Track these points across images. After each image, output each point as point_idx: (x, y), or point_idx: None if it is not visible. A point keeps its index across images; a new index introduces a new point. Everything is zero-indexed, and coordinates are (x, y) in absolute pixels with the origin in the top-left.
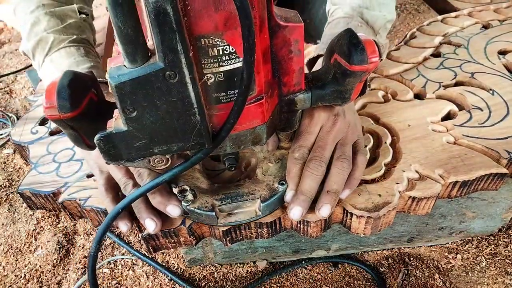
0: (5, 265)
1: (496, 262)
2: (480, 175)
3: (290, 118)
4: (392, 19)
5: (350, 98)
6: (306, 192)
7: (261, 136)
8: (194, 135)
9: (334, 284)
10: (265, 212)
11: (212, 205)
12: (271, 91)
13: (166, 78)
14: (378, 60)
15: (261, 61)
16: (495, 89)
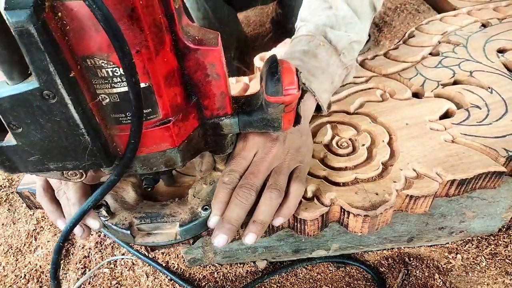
0: (5, 265)
1: (496, 262)
2: (478, 174)
3: (219, 142)
4: (359, 40)
5: (280, 128)
6: (232, 220)
7: (174, 160)
8: (87, 154)
9: (334, 284)
10: (185, 236)
11: (130, 223)
12: (184, 114)
13: (45, 98)
14: (295, 92)
15: (163, 85)
16: (493, 88)
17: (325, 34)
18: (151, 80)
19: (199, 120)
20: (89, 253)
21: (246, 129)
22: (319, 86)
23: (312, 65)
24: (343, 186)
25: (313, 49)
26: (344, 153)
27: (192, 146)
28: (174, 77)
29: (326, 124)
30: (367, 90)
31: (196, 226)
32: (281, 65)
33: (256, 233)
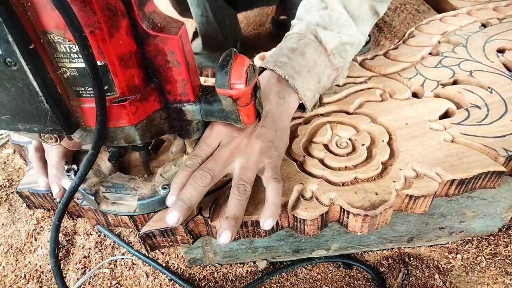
0: (5, 265)
1: (496, 262)
2: (478, 173)
3: (184, 127)
4: (351, 42)
5: (240, 121)
6: (184, 199)
7: (133, 137)
8: (49, 120)
9: (334, 284)
10: (143, 210)
11: (96, 190)
12: (142, 95)
13: (7, 64)
14: (243, 87)
15: (117, 65)
16: (493, 87)
17: (316, 33)
18: (106, 59)
19: (161, 103)
20: (89, 253)
21: (208, 117)
22: (303, 84)
23: (298, 63)
24: (342, 186)
25: (301, 47)
26: (343, 153)
27: (153, 126)
28: (131, 59)
29: (325, 124)
30: (367, 90)
31: (154, 203)
32: (235, 59)
33: (230, 229)
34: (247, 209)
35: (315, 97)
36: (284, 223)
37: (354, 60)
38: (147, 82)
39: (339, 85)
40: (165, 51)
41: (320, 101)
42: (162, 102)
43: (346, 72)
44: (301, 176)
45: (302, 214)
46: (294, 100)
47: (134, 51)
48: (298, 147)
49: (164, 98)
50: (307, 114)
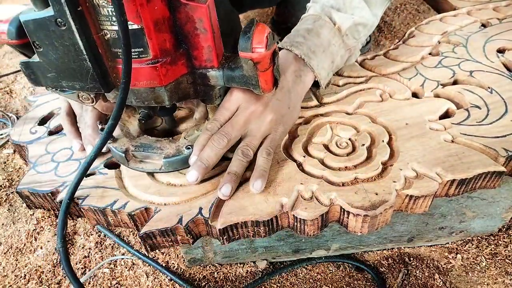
0: (5, 265)
1: (496, 262)
2: (478, 173)
3: (207, 92)
4: (364, 23)
5: (259, 86)
6: (203, 159)
7: (163, 98)
8: (89, 78)
9: (334, 284)
10: (168, 168)
11: (126, 148)
12: (172, 59)
13: (58, 24)
14: (263, 51)
15: (152, 29)
16: (493, 87)
17: (330, 15)
18: (142, 23)
19: (188, 68)
20: (89, 253)
21: (230, 83)
22: (318, 63)
23: (313, 43)
24: (342, 186)
25: (317, 28)
26: (343, 153)
27: (181, 89)
28: (164, 24)
29: (325, 124)
30: (367, 90)
31: (178, 161)
32: (256, 26)
33: (230, 183)
34: (246, 208)
35: (328, 76)
36: (284, 223)
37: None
38: (177, 47)
39: (339, 85)
40: (194, 19)
41: (320, 101)
42: (189, 67)
43: (359, 53)
44: (301, 176)
45: (302, 214)
46: (309, 79)
47: (167, 17)
48: (298, 147)
49: (191, 63)
50: (307, 113)
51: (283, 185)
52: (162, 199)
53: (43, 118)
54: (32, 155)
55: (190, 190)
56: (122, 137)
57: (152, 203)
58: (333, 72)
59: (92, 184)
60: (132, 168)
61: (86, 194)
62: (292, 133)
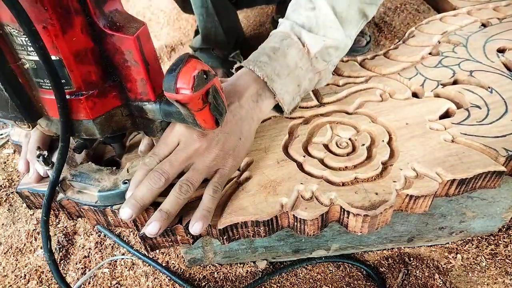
0: (5, 265)
1: (496, 262)
2: (478, 173)
3: (147, 125)
4: (336, 45)
5: (198, 125)
6: (137, 197)
7: (93, 131)
8: (10, 108)
9: (334, 284)
10: (103, 202)
11: (64, 177)
12: (100, 91)
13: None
14: (188, 93)
15: (73, 61)
16: (493, 87)
17: (300, 35)
18: (60, 54)
19: (121, 100)
20: (89, 253)
21: (168, 118)
22: (281, 87)
23: (279, 64)
24: (343, 186)
25: (284, 48)
26: (343, 153)
27: (114, 122)
28: (87, 56)
29: (325, 124)
30: (367, 89)
31: (114, 196)
32: (186, 63)
33: (159, 221)
34: (246, 208)
35: (294, 100)
36: (284, 223)
37: (355, 60)
38: (106, 79)
39: (339, 85)
40: (123, 50)
41: (320, 101)
42: (123, 99)
43: (330, 76)
44: (301, 176)
45: (302, 214)
46: (268, 103)
47: (90, 48)
48: (298, 147)
49: (125, 95)
50: (307, 113)
51: (283, 185)
52: (162, 199)
53: None
54: None
55: None
56: None
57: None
58: (301, 96)
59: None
60: (69, 198)
61: None
62: (292, 133)
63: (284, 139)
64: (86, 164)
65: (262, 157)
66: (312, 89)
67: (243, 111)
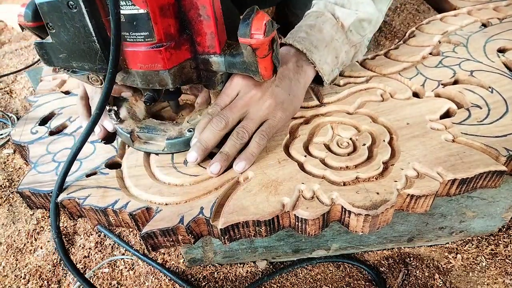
0: (5, 265)
1: (496, 262)
2: (479, 173)
3: (210, 78)
4: (368, 18)
5: (258, 73)
6: (202, 141)
7: (166, 81)
8: (98, 60)
9: (334, 284)
10: (170, 149)
11: (132, 129)
12: (176, 44)
13: (70, 7)
14: (261, 37)
15: (158, 14)
16: (494, 87)
17: (333, 11)
18: (148, 8)
19: (191, 53)
20: (89, 253)
21: (231, 69)
22: (320, 58)
23: (316, 38)
24: (344, 185)
25: (319, 24)
26: (344, 152)
27: (184, 74)
28: (169, 10)
29: (326, 124)
30: (367, 89)
31: (180, 143)
32: (256, 13)
33: (220, 162)
34: (247, 208)
35: (333, 72)
36: (286, 223)
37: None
38: (181, 33)
39: (340, 85)
40: (198, 5)
41: (321, 101)
42: (192, 52)
43: (365, 49)
44: (302, 176)
45: (304, 214)
46: (311, 71)
47: (172, 3)
48: (299, 147)
49: (194, 49)
50: (307, 113)
51: (284, 184)
52: (163, 199)
53: (44, 118)
54: (33, 155)
55: (191, 190)
56: (129, 118)
57: (153, 203)
58: (339, 69)
59: (93, 184)
60: (136, 148)
61: (87, 194)
62: (293, 133)
63: (285, 139)
64: (148, 119)
65: (263, 157)
66: (349, 62)
67: (290, 73)
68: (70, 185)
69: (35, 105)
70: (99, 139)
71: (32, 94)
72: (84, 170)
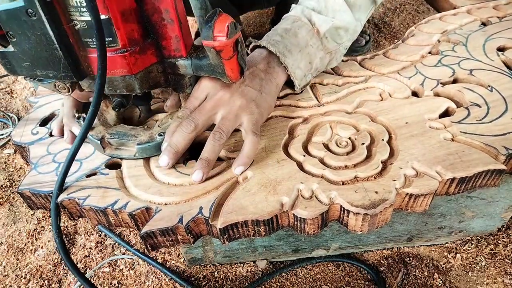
0: (6, 264)
1: (495, 262)
2: (478, 172)
3: (178, 81)
4: (345, 26)
5: (225, 75)
6: (172, 144)
7: (133, 86)
8: (62, 67)
9: (334, 283)
10: (141, 154)
11: (102, 136)
12: (141, 48)
13: (29, 15)
14: (224, 40)
15: (120, 20)
16: (493, 86)
17: (310, 16)
18: (110, 13)
19: (157, 57)
20: (89, 253)
21: (198, 72)
22: (293, 62)
23: (290, 42)
24: (342, 185)
25: (295, 28)
26: (343, 152)
27: (151, 78)
28: (132, 14)
29: (325, 124)
30: (366, 89)
31: (151, 147)
32: (218, 16)
33: (201, 169)
34: (246, 208)
35: (306, 77)
36: (285, 222)
37: (354, 59)
38: (145, 37)
39: (339, 85)
40: (161, 9)
41: (320, 101)
42: (158, 56)
43: (341, 57)
44: (301, 175)
45: (302, 213)
46: (283, 74)
47: (134, 8)
48: (298, 146)
49: (160, 53)
50: (306, 113)
51: (283, 184)
52: (163, 199)
53: (45, 119)
54: (34, 155)
55: (190, 190)
56: (99, 125)
57: (153, 203)
58: (312, 75)
59: (93, 184)
60: (108, 155)
61: (87, 194)
62: (292, 132)
63: (284, 138)
64: (119, 125)
65: (262, 156)
66: (324, 69)
67: (261, 73)
68: (70, 186)
69: (36, 106)
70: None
71: (33, 95)
72: (84, 170)
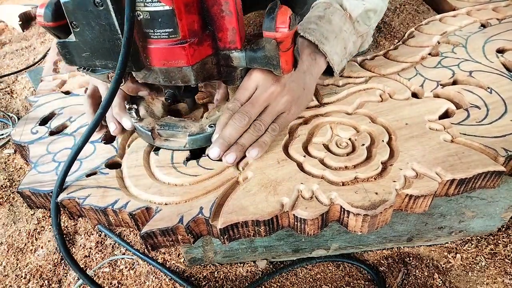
0: (6, 264)
1: (495, 262)
2: (478, 173)
3: (230, 73)
4: (374, 8)
5: (279, 66)
6: (224, 137)
7: (189, 77)
8: None
9: (334, 283)
10: (192, 145)
11: (152, 127)
12: (199, 40)
13: (96, 4)
14: (286, 31)
15: (183, 11)
16: (493, 88)
17: (341, 2)
18: (174, 4)
19: (213, 49)
20: (89, 253)
21: (252, 64)
22: (331, 49)
23: (325, 29)
24: (343, 185)
25: (328, 15)
26: (343, 153)
27: (206, 70)
28: (193, 6)
29: (326, 124)
30: (366, 90)
31: (202, 138)
32: (279, 8)
33: (235, 153)
34: (246, 208)
35: (342, 62)
36: (285, 223)
37: (354, 60)
38: (203, 29)
39: (339, 86)
40: (221, 1)
41: (320, 101)
42: (214, 48)
43: (371, 39)
44: (301, 176)
45: (303, 214)
46: (323, 62)
47: (196, 0)
48: (298, 147)
49: (216, 44)
50: (307, 113)
51: (283, 184)
52: (163, 198)
53: (44, 118)
54: (33, 155)
55: (191, 190)
56: (148, 116)
57: (153, 202)
58: (347, 59)
59: (93, 184)
60: (158, 145)
61: (87, 194)
62: (292, 133)
63: (284, 139)
64: (166, 117)
65: (262, 157)
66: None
67: (304, 66)
68: (70, 185)
69: (36, 105)
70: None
71: (32, 94)
72: (84, 170)
